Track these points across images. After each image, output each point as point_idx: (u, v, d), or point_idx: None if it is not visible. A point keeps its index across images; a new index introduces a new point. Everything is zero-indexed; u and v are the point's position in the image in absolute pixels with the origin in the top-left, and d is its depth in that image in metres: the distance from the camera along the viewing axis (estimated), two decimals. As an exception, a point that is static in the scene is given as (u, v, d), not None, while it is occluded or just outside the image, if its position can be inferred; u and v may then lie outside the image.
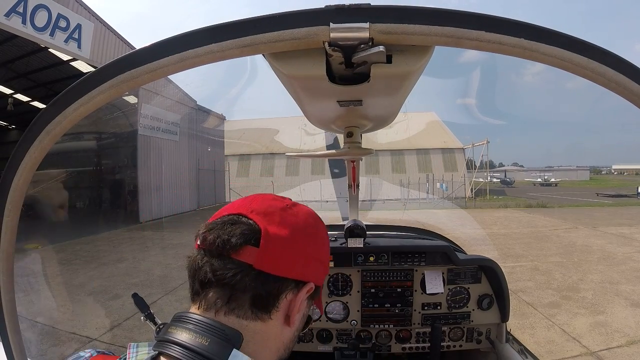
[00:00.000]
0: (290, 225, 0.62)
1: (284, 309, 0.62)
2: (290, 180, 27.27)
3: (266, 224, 0.60)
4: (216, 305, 0.58)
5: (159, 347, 0.57)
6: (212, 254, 0.59)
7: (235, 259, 0.58)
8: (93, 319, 5.23)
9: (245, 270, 0.58)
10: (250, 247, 0.58)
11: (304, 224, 0.65)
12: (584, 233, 12.30)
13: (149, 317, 0.73)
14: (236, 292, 0.58)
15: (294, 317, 0.63)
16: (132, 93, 15.47)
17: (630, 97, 0.55)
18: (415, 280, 1.93)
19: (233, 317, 0.58)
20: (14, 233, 0.78)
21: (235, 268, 0.58)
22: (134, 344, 0.59)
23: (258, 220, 0.61)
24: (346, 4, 0.53)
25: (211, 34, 0.55)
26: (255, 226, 0.60)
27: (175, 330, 0.57)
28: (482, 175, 31.55)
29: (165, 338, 0.57)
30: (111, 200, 19.12)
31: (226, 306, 0.58)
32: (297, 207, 0.68)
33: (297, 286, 0.63)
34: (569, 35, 0.52)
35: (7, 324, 0.82)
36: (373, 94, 0.76)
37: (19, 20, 10.20)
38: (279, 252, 0.60)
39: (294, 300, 0.62)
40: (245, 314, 0.59)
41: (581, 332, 4.78)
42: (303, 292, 0.63)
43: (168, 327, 0.59)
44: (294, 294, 0.63)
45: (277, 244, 0.60)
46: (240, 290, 0.58)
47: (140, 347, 0.59)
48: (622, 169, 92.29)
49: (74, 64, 15.83)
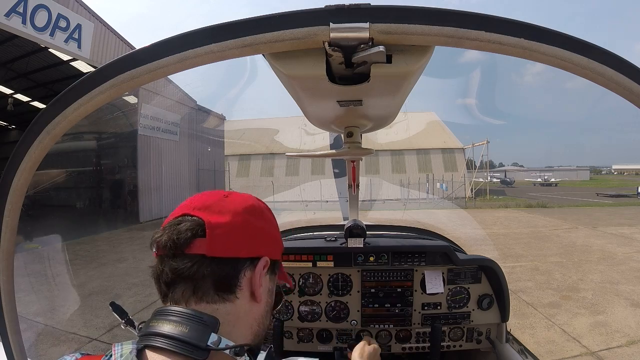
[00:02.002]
0: (229, 211, 0.67)
1: (247, 286, 0.67)
2: (290, 180, 27.28)
3: (208, 215, 0.65)
4: (184, 297, 0.63)
5: (143, 340, 0.60)
6: (168, 256, 0.64)
7: (189, 253, 0.62)
8: (93, 319, 5.23)
9: (199, 260, 0.62)
10: (199, 239, 0.63)
11: (242, 207, 0.70)
12: (584, 233, 12.30)
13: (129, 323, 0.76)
14: (198, 282, 0.63)
15: (257, 292, 0.68)
16: (132, 93, 15.47)
17: (630, 97, 0.55)
18: (415, 280, 1.93)
19: (204, 304, 0.63)
20: (14, 233, 0.78)
21: (191, 261, 0.62)
22: (118, 344, 0.62)
23: (200, 214, 0.66)
24: (346, 4, 0.53)
25: (211, 34, 0.55)
26: (199, 220, 0.65)
27: (156, 323, 0.60)
28: (482, 175, 31.56)
29: (147, 332, 0.60)
30: (111, 200, 19.11)
31: (194, 296, 0.63)
32: (233, 195, 0.73)
33: (252, 263, 0.68)
34: (569, 35, 0.52)
35: (7, 324, 0.82)
36: (373, 94, 0.76)
37: (19, 20, 10.19)
38: (224, 236, 0.64)
39: (253, 277, 0.67)
40: (212, 298, 0.63)
41: (581, 332, 4.78)
42: (259, 267, 0.68)
43: (149, 322, 0.62)
44: (252, 271, 0.67)
45: (220, 230, 0.64)
46: (200, 278, 0.62)
47: (125, 345, 0.61)
48: (622, 169, 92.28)
49: (74, 64, 15.83)
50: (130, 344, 0.61)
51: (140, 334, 0.62)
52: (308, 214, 9.27)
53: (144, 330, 0.62)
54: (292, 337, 1.99)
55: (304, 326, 1.97)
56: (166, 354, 0.57)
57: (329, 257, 1.93)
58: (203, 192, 0.73)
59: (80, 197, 19.67)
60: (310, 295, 1.97)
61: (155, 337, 0.58)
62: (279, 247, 0.77)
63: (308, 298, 1.97)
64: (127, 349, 0.60)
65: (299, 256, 1.93)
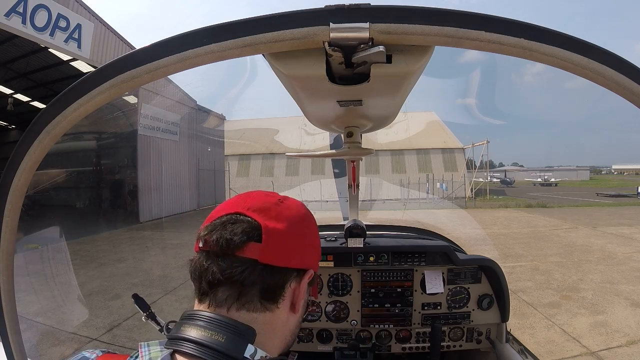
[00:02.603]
0: (286, 218, 0.65)
1: (289, 297, 0.66)
2: (290, 180, 27.26)
3: (264, 219, 0.63)
4: (227, 302, 0.60)
5: (173, 345, 0.58)
6: (217, 255, 0.61)
7: (240, 256, 0.60)
8: (93, 319, 5.22)
9: (251, 266, 0.60)
10: (253, 243, 0.61)
11: (297, 215, 0.68)
12: (584, 233, 12.30)
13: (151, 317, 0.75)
14: (245, 288, 0.60)
15: (298, 304, 0.67)
16: (132, 93, 15.46)
17: (630, 97, 0.55)
18: (415, 280, 1.93)
19: (244, 312, 0.61)
20: (14, 233, 0.78)
21: (242, 265, 0.60)
22: (145, 344, 0.60)
23: (256, 216, 0.63)
24: (346, 4, 0.53)
25: (211, 34, 0.55)
26: (255, 223, 0.62)
27: (188, 327, 0.58)
28: (482, 175, 31.55)
29: (178, 336, 0.58)
30: (111, 200, 19.11)
31: (237, 302, 0.61)
32: (288, 200, 0.71)
33: (299, 274, 0.66)
34: (569, 35, 0.52)
35: (7, 324, 0.82)
36: (373, 94, 0.76)
37: (19, 20, 10.19)
38: (279, 244, 0.63)
39: (297, 288, 0.66)
40: (255, 307, 0.61)
41: (581, 332, 4.78)
42: (305, 278, 0.67)
43: (180, 325, 0.60)
44: (297, 282, 0.66)
45: (277, 237, 0.63)
46: (249, 285, 0.60)
47: (152, 346, 0.60)
48: (622, 169, 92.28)
49: (74, 64, 15.83)
50: (157, 345, 0.60)
51: (170, 336, 0.60)
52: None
53: (173, 332, 0.60)
54: None
55: (304, 326, 1.97)
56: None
57: (329, 257, 1.92)
58: (256, 192, 0.71)
59: (80, 197, 19.66)
60: (310, 295, 1.97)
61: (188, 344, 0.56)
62: (319, 258, 0.77)
63: (308, 298, 1.96)
64: (156, 352, 0.58)
65: None
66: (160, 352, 0.58)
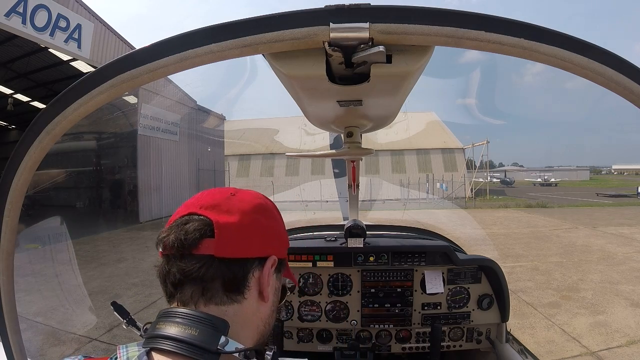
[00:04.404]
0: (238, 210, 0.66)
1: (255, 286, 0.66)
2: (290, 180, 27.27)
3: (216, 215, 0.64)
4: (193, 299, 0.62)
5: (149, 343, 0.59)
6: (175, 257, 0.62)
7: (197, 254, 0.61)
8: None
9: (208, 261, 0.62)
10: (207, 240, 0.62)
11: (250, 206, 0.68)
12: (584, 233, 12.30)
13: (131, 323, 0.75)
14: (207, 283, 0.62)
15: (266, 291, 0.67)
16: (132, 93, 15.46)
17: (630, 97, 0.55)
18: (415, 280, 1.93)
19: (212, 306, 0.62)
20: (14, 233, 0.78)
21: (199, 262, 0.61)
22: (123, 345, 0.61)
23: (208, 213, 0.64)
24: (346, 4, 0.53)
25: (211, 34, 0.55)
26: (207, 220, 0.64)
27: (164, 325, 0.59)
28: (482, 175, 31.56)
29: (154, 334, 0.59)
30: (111, 200, 19.11)
31: (203, 297, 0.62)
32: (241, 193, 0.72)
33: (260, 263, 0.67)
34: (569, 35, 0.52)
35: (7, 324, 0.82)
36: (373, 94, 0.76)
37: (19, 20, 10.19)
38: (233, 237, 0.64)
39: (261, 276, 0.67)
40: (221, 300, 0.63)
41: (581, 332, 4.78)
42: (267, 266, 0.67)
43: (155, 323, 0.61)
44: (260, 270, 0.67)
45: (229, 230, 0.63)
46: (210, 280, 0.62)
47: (130, 347, 0.60)
48: (622, 169, 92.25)
49: (74, 64, 15.83)
50: (135, 345, 0.60)
51: (147, 335, 0.61)
52: (308, 214, 9.27)
53: (149, 332, 0.61)
54: (292, 337, 1.99)
55: (304, 326, 1.97)
56: (175, 357, 0.56)
57: (329, 257, 1.93)
58: (210, 190, 0.72)
59: (80, 197, 19.66)
60: (310, 295, 1.97)
61: (163, 340, 0.57)
62: (286, 244, 0.77)
63: (308, 298, 1.97)
64: (133, 352, 0.59)
65: (299, 256, 1.93)
66: (138, 352, 0.59)
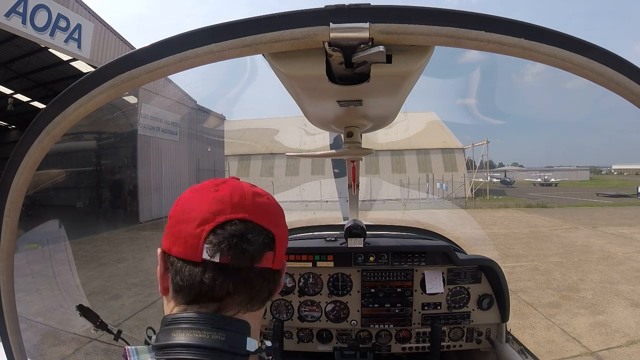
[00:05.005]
0: (281, 224, 0.67)
1: None
2: (290, 180, 27.26)
3: (273, 227, 0.63)
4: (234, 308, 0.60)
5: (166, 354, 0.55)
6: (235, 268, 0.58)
7: (258, 267, 0.60)
8: (93, 319, 5.22)
9: (266, 274, 0.62)
10: (268, 253, 0.62)
11: (283, 218, 0.69)
12: (584, 233, 12.30)
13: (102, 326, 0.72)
14: (257, 294, 0.62)
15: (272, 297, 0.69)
16: (132, 93, 15.46)
17: (630, 97, 0.55)
18: (415, 280, 1.93)
19: (249, 313, 0.62)
20: (14, 233, 0.78)
21: (261, 276, 0.61)
22: (132, 349, 0.56)
23: (264, 223, 0.62)
24: (346, 4, 0.53)
25: (211, 34, 0.55)
26: (269, 234, 0.62)
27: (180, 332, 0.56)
28: (482, 175, 31.54)
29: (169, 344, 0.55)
30: (111, 200, 19.10)
31: (245, 307, 0.62)
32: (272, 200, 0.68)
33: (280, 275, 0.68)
34: (569, 35, 0.52)
35: (7, 324, 0.82)
36: (373, 94, 0.76)
37: (19, 20, 10.19)
38: (281, 250, 0.65)
39: (278, 288, 0.68)
40: (258, 307, 0.64)
41: (581, 332, 4.78)
42: (283, 278, 0.69)
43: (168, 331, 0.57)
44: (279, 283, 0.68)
45: (280, 243, 0.64)
46: (261, 291, 0.62)
47: (142, 354, 0.56)
48: (622, 169, 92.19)
49: (74, 64, 15.82)
50: (147, 352, 0.56)
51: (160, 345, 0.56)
52: (308, 214, 9.27)
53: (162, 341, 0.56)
54: (292, 337, 1.99)
55: (304, 326, 1.97)
56: None
57: (329, 257, 1.92)
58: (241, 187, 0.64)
59: (80, 197, 19.65)
60: (310, 295, 1.97)
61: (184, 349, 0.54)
62: None
63: (308, 298, 1.97)
64: None
65: (299, 256, 1.93)
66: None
